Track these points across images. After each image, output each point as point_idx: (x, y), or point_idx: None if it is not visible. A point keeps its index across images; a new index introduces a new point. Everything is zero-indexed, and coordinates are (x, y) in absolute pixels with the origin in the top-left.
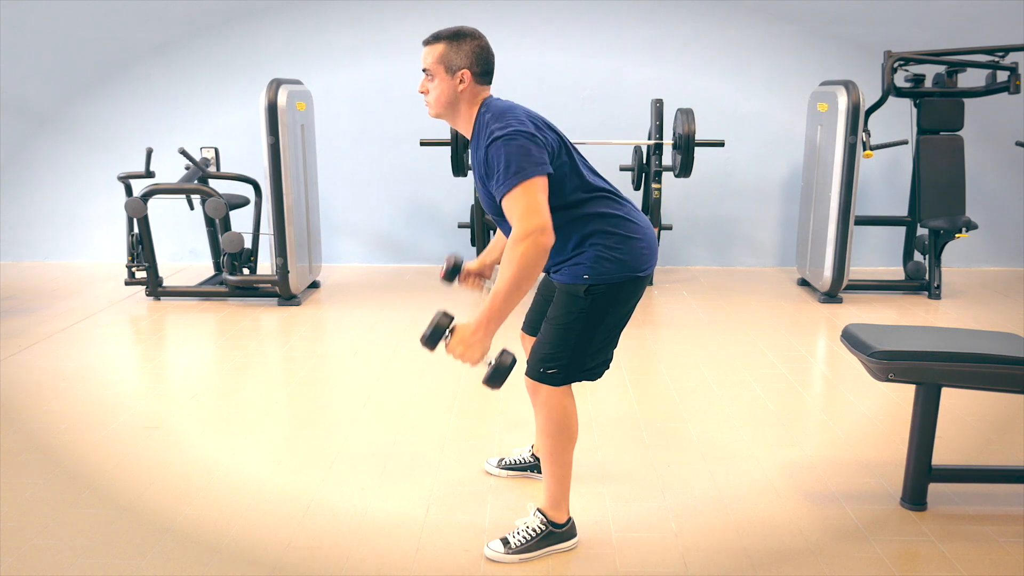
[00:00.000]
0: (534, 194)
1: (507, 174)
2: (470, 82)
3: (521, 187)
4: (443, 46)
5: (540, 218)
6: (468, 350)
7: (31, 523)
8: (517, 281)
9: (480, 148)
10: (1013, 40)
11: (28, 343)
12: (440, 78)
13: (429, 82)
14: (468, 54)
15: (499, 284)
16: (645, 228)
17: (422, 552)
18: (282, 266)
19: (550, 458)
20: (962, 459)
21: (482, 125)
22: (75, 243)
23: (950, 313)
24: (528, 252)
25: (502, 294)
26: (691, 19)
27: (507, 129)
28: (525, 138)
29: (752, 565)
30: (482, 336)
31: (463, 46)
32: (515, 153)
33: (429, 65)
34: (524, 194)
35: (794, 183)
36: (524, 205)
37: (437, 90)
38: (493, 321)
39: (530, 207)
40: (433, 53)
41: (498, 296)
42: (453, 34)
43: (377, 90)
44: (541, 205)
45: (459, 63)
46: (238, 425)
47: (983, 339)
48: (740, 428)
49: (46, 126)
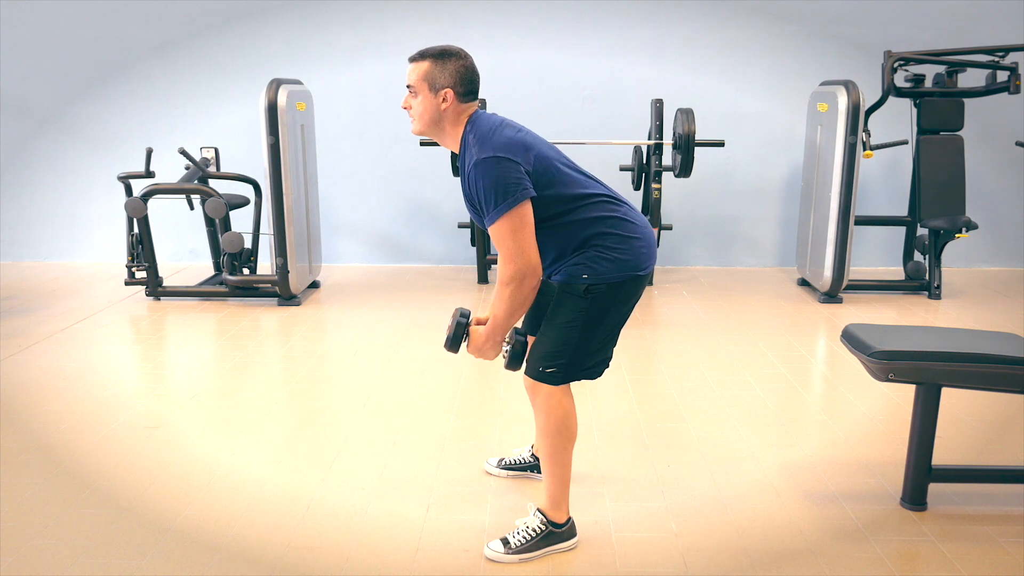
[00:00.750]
0: (519, 230)
1: (491, 205)
2: (453, 101)
3: (505, 219)
4: (428, 64)
5: (524, 261)
6: (482, 355)
7: (31, 523)
8: (508, 314)
9: (465, 171)
10: (1013, 40)
11: (28, 343)
12: (424, 96)
13: (412, 98)
14: (452, 73)
15: (494, 311)
16: (643, 227)
17: (422, 552)
18: (282, 266)
19: (550, 458)
20: (962, 459)
21: (467, 147)
22: (75, 243)
23: (950, 313)
24: (515, 295)
25: (500, 320)
26: (691, 19)
27: (485, 155)
28: (504, 164)
29: (752, 565)
30: (493, 343)
31: (448, 65)
32: (496, 182)
33: (413, 82)
34: (509, 232)
35: (794, 183)
36: (509, 247)
37: (420, 107)
38: (498, 334)
39: (515, 250)
40: (418, 71)
41: (497, 320)
42: (439, 53)
43: (377, 90)
44: (526, 244)
45: (443, 82)
46: (238, 425)
47: (983, 339)
48: (740, 428)
49: (46, 126)
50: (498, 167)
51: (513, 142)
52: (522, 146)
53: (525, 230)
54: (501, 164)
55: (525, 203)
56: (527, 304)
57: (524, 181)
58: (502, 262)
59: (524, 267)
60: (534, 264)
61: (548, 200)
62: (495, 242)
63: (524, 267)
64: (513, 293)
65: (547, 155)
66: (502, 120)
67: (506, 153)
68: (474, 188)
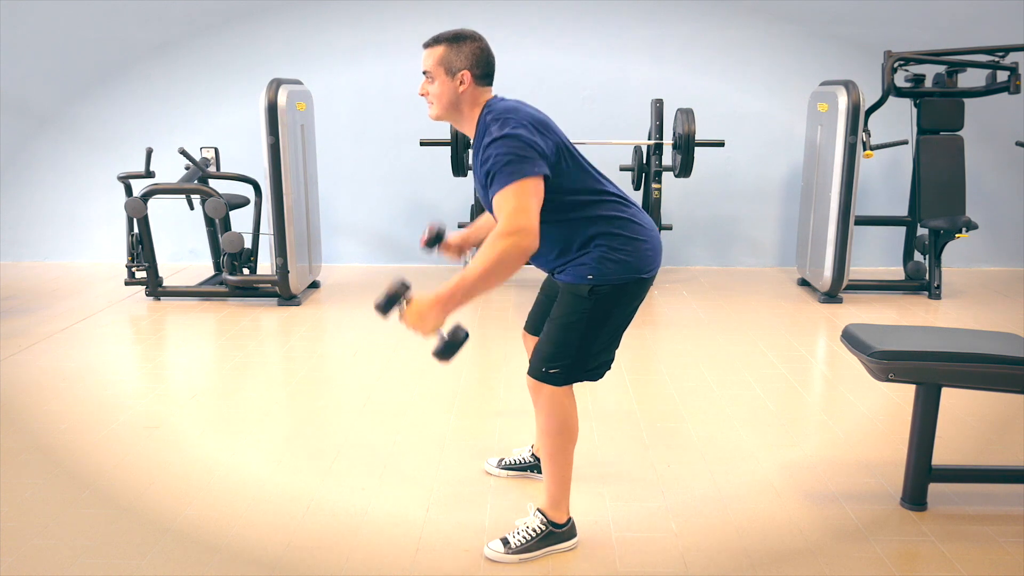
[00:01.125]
0: (526, 195)
1: (502, 173)
2: (470, 84)
3: (514, 185)
4: (443, 48)
5: (527, 219)
6: (420, 322)
7: (31, 523)
8: (489, 273)
9: (480, 150)
10: (1013, 40)
11: (28, 343)
12: (440, 80)
13: (429, 84)
14: (468, 56)
15: (470, 269)
16: (650, 230)
17: (422, 552)
18: (282, 266)
19: (550, 458)
20: (962, 459)
21: (484, 127)
22: (75, 243)
23: (950, 313)
24: (508, 250)
25: (470, 280)
26: (691, 19)
27: (505, 130)
28: (523, 140)
29: (752, 565)
30: (438, 311)
31: (463, 48)
32: (512, 154)
33: (429, 67)
34: (516, 194)
35: (794, 183)
36: (514, 204)
37: (438, 92)
38: (453, 301)
39: (519, 207)
40: (433, 55)
41: (466, 280)
42: (453, 36)
43: (377, 90)
44: (531, 208)
45: (459, 65)
46: (238, 425)
47: (983, 339)
48: (740, 428)
49: (46, 126)
50: (518, 140)
51: (536, 120)
52: (544, 125)
53: (532, 198)
54: (521, 139)
55: (538, 178)
56: (510, 271)
57: (540, 160)
58: (503, 218)
59: (525, 224)
60: (534, 227)
61: (560, 187)
62: (496, 205)
63: (525, 224)
64: (507, 248)
65: (567, 144)
66: (521, 102)
67: (527, 130)
68: (489, 162)
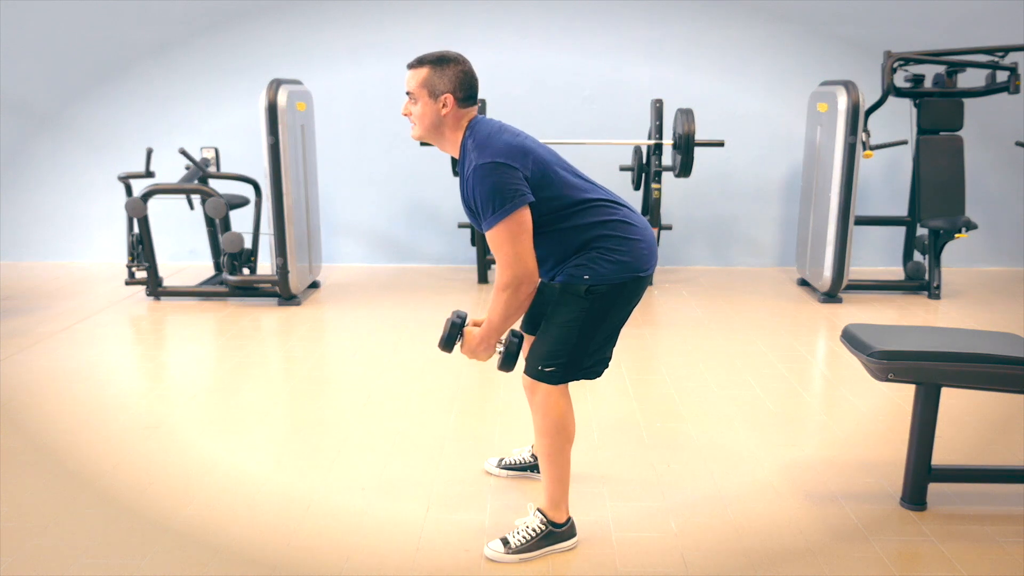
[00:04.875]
0: (518, 237)
1: (488, 210)
2: (452, 106)
3: (503, 225)
4: (427, 70)
5: (522, 267)
6: (474, 356)
7: (31, 523)
8: (503, 318)
9: (464, 178)
10: (1013, 40)
11: (28, 343)
12: (423, 102)
13: (412, 105)
14: (451, 79)
15: (489, 315)
16: (644, 229)
17: (422, 552)
18: (282, 266)
19: (548, 458)
20: (962, 459)
21: (466, 152)
22: (75, 243)
23: (950, 313)
24: (510, 300)
25: (494, 323)
26: (691, 19)
27: (484, 160)
28: (503, 170)
29: (752, 565)
30: (485, 346)
31: (447, 71)
32: (494, 187)
33: (413, 89)
34: (508, 239)
35: (794, 183)
36: (506, 252)
37: (420, 113)
38: (493, 337)
39: (514, 256)
40: (417, 77)
41: (492, 323)
42: (437, 59)
43: (377, 90)
44: (524, 251)
45: (442, 88)
46: (238, 425)
47: (983, 339)
48: (740, 428)
49: (46, 126)
50: (496, 172)
51: (511, 147)
52: (521, 151)
53: (523, 236)
54: (499, 169)
55: (523, 209)
56: (523, 309)
57: (522, 187)
58: (499, 268)
59: (521, 273)
60: (531, 270)
61: (547, 205)
62: (492, 248)
63: (521, 273)
64: (509, 299)
65: (546, 160)
66: (501, 125)
67: (505, 159)
68: (472, 193)
